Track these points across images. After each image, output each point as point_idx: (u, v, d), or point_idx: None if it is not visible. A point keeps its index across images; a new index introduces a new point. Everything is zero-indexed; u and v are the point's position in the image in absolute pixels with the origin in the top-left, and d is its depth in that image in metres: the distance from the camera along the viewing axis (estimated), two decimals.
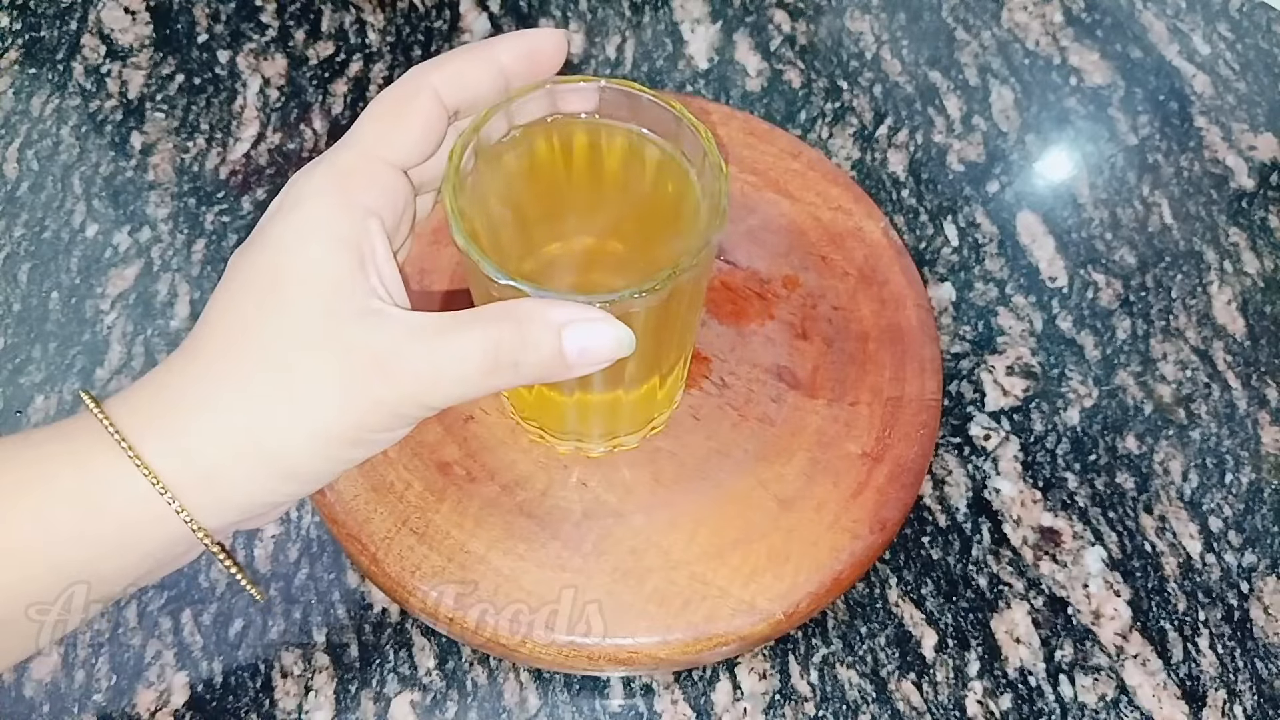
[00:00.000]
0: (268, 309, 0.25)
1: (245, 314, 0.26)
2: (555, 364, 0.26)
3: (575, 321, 0.25)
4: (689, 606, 0.34)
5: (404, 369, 0.25)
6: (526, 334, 0.25)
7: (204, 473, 0.25)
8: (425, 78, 0.27)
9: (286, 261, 0.25)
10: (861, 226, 0.42)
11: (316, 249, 0.25)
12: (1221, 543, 0.40)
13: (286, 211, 0.26)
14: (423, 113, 0.27)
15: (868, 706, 0.37)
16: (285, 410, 0.25)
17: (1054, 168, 0.49)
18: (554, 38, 0.29)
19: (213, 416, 0.25)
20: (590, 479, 0.37)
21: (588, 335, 0.26)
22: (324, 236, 0.25)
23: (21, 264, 0.46)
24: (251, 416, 0.25)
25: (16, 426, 0.42)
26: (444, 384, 0.25)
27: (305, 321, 0.25)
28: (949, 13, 0.54)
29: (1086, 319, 0.45)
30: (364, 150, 0.27)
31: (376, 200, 0.27)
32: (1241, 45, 0.53)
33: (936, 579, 0.39)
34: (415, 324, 0.25)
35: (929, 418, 0.38)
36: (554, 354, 0.25)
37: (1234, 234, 0.47)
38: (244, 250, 0.26)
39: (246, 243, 0.27)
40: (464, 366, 0.25)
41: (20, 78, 0.51)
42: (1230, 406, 0.43)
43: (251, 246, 0.26)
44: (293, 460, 0.25)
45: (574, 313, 0.26)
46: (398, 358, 0.25)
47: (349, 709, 0.36)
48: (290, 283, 0.25)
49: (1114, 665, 0.38)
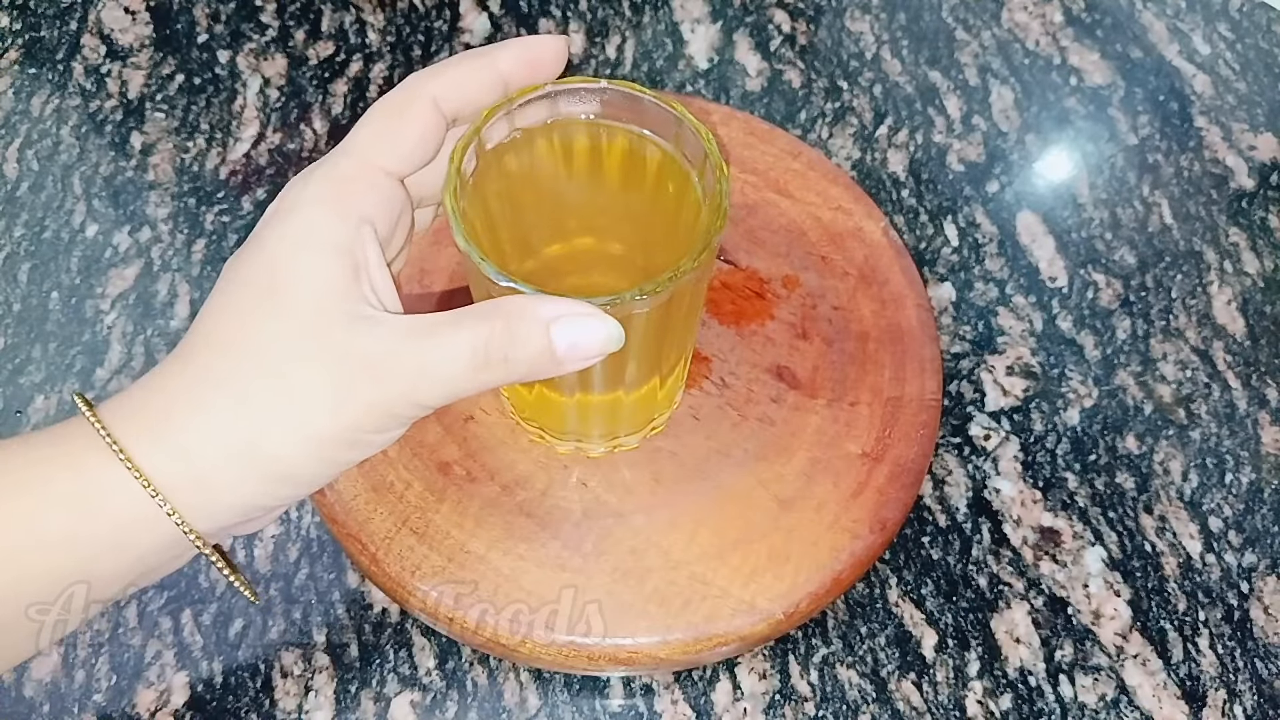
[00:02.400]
0: (261, 314, 0.25)
1: (239, 319, 0.26)
2: (545, 359, 0.26)
3: (564, 316, 0.26)
4: (689, 606, 0.34)
5: (395, 369, 0.25)
6: (515, 329, 0.25)
7: (197, 476, 0.25)
8: (423, 86, 0.27)
9: (281, 268, 0.26)
10: (861, 226, 0.42)
11: (311, 256, 0.26)
12: (1221, 543, 0.40)
13: (282, 217, 0.26)
14: (419, 120, 0.27)
15: (868, 706, 0.37)
16: (279, 414, 0.25)
17: (1054, 168, 0.49)
18: (554, 45, 0.29)
19: (206, 420, 0.25)
20: (590, 479, 0.37)
21: (577, 330, 0.26)
22: (318, 244, 0.26)
23: (21, 264, 0.46)
24: (245, 420, 0.25)
25: (17, 426, 0.42)
26: (435, 382, 0.26)
27: (298, 327, 0.25)
28: (949, 13, 0.54)
29: (1086, 319, 0.45)
30: (360, 157, 0.27)
31: (371, 208, 0.27)
32: (1241, 45, 0.53)
33: (936, 579, 0.39)
34: (405, 326, 0.26)
35: (929, 418, 0.38)
36: (543, 349, 0.26)
37: (1234, 234, 0.47)
38: (239, 255, 0.27)
39: (242, 248, 0.27)
40: (454, 365, 0.25)
41: (20, 78, 0.51)
42: (1230, 406, 0.43)
43: (246, 252, 0.26)
44: (287, 464, 0.26)
45: (563, 308, 0.26)
46: (389, 358, 0.25)
47: (349, 709, 0.36)
48: (284, 289, 0.25)
49: (1114, 665, 0.38)
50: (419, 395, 0.26)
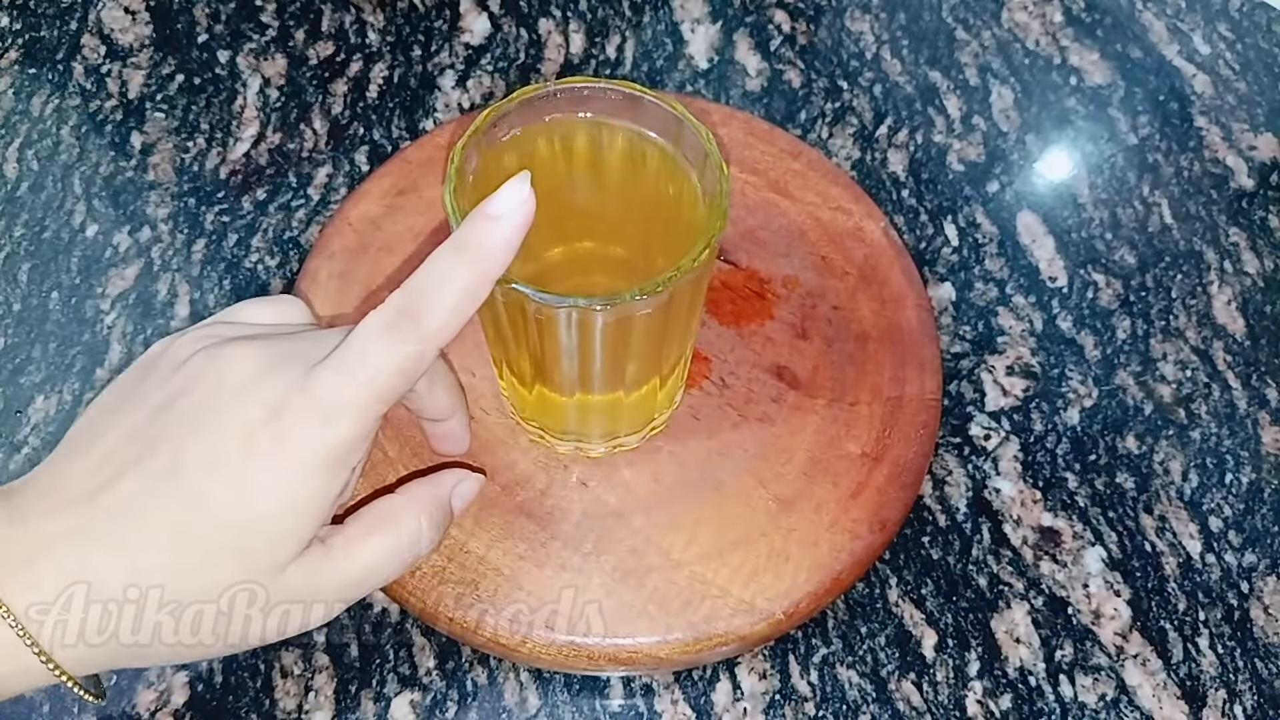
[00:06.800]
0: (213, 534, 0.26)
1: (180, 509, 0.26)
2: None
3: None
4: (689, 606, 0.34)
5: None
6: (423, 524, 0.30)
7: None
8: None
9: (255, 510, 0.26)
10: (861, 226, 0.42)
11: (293, 522, 0.26)
12: (1221, 543, 0.40)
13: (278, 458, 0.26)
14: None
15: (868, 706, 0.37)
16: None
17: (1054, 167, 0.49)
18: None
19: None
20: (590, 479, 0.37)
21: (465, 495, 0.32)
22: (305, 510, 0.27)
23: (22, 264, 0.46)
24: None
25: (17, 426, 0.42)
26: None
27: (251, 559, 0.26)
28: (949, 13, 0.54)
29: (1086, 319, 0.45)
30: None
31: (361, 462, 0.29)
32: (1241, 45, 0.53)
33: (936, 579, 0.39)
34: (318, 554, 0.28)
35: (929, 418, 0.38)
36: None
37: (1234, 234, 0.47)
38: (211, 468, 0.26)
39: (214, 458, 0.26)
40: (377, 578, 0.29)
41: (20, 78, 0.51)
42: (1230, 406, 0.43)
43: (221, 470, 0.26)
44: None
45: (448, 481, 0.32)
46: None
47: (349, 709, 0.36)
48: (245, 527, 0.26)
49: (1114, 665, 0.38)
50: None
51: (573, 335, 0.29)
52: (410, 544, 0.29)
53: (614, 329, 0.29)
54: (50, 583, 0.25)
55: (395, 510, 0.30)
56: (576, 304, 0.27)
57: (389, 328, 0.26)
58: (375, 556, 0.29)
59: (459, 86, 0.51)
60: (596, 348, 0.30)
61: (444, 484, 0.32)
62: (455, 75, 0.51)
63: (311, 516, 0.26)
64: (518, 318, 0.29)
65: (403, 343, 0.26)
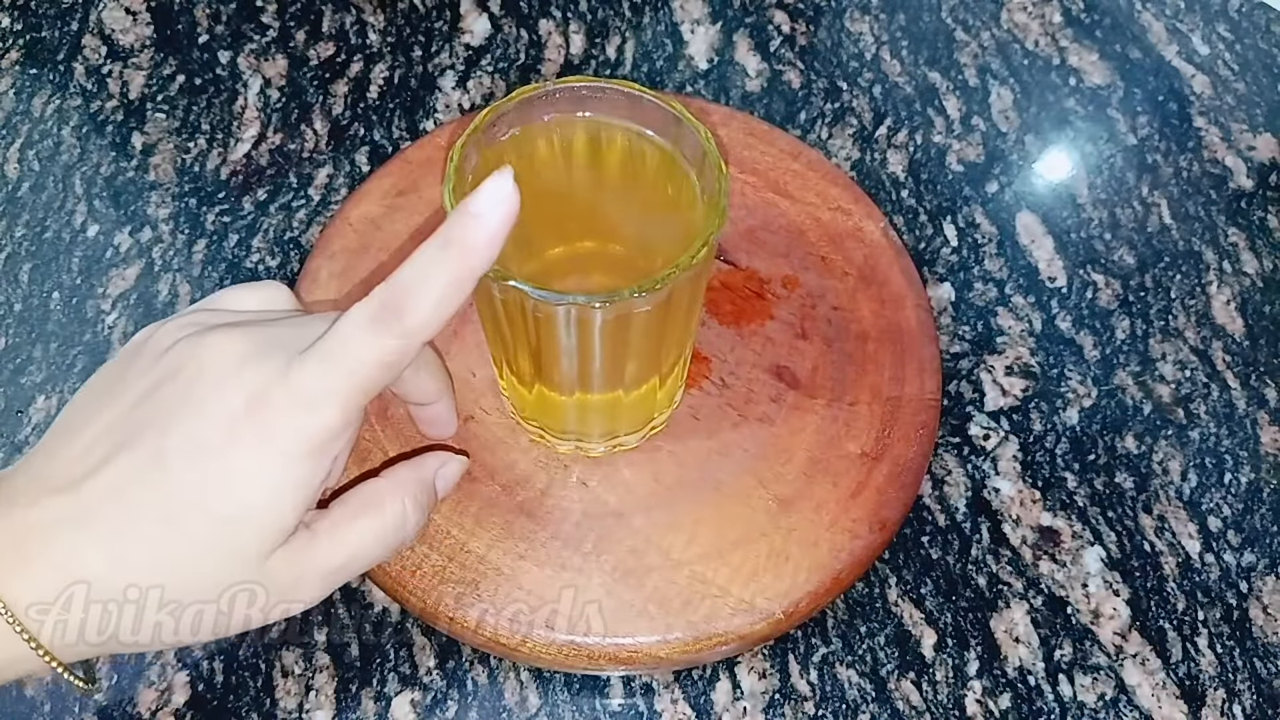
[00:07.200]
0: (197, 522, 0.26)
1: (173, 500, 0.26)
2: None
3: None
4: (689, 606, 0.34)
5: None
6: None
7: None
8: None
9: (238, 499, 0.26)
10: (861, 226, 0.42)
11: (277, 510, 0.26)
12: (1220, 542, 0.40)
13: (260, 447, 0.26)
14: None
15: (867, 706, 0.37)
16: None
17: (1053, 168, 0.49)
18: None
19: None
20: (590, 479, 0.37)
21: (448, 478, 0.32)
22: (288, 499, 0.27)
23: (23, 264, 0.46)
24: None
25: (17, 426, 0.42)
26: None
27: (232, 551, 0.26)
28: (949, 13, 0.54)
29: (1086, 319, 0.45)
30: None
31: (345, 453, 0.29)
32: (1241, 45, 0.53)
33: (936, 579, 0.39)
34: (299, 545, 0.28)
35: (928, 418, 0.38)
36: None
37: (1233, 234, 0.47)
38: (195, 453, 0.26)
39: (199, 444, 0.26)
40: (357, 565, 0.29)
41: (21, 78, 0.51)
42: (1229, 406, 0.43)
43: (211, 454, 0.26)
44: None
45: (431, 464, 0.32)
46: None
47: (349, 708, 0.36)
48: (229, 517, 0.26)
49: (1113, 665, 0.38)
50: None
51: (572, 333, 0.29)
52: (395, 527, 0.29)
53: (613, 327, 0.29)
54: (46, 577, 0.25)
55: (380, 494, 0.29)
56: (575, 301, 0.27)
57: (373, 321, 0.26)
58: (361, 541, 0.29)
59: (459, 87, 0.51)
60: (595, 346, 0.30)
61: (428, 467, 0.32)
62: (455, 76, 0.51)
63: (294, 505, 0.26)
64: (517, 316, 0.29)
65: (386, 336, 0.26)
